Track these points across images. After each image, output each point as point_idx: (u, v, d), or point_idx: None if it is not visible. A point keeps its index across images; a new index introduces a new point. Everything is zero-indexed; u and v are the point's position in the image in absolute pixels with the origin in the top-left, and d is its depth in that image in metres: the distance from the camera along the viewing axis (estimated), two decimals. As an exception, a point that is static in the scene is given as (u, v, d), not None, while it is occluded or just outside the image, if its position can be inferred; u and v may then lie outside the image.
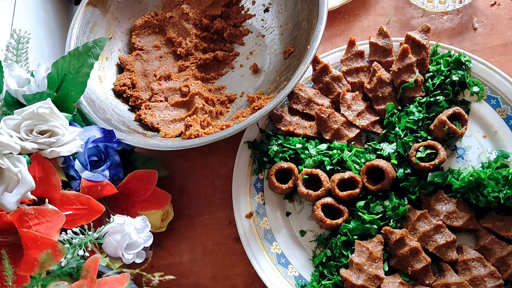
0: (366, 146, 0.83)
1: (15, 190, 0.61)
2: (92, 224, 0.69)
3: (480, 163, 0.79)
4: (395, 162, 0.77)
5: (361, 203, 0.77)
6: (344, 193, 0.76)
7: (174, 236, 0.88)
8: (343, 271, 0.73)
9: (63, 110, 0.76)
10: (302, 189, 0.78)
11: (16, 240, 0.65)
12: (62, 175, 0.73)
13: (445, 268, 0.71)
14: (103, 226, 0.71)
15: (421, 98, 0.82)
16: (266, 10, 1.01)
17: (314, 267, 0.78)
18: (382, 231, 0.74)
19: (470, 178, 0.73)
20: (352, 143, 0.82)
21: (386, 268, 0.73)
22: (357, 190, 0.76)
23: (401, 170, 0.77)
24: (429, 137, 0.79)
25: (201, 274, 0.84)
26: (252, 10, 1.02)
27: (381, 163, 0.76)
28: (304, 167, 0.81)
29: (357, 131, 0.83)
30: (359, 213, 0.76)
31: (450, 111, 0.78)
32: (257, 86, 0.93)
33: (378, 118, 0.84)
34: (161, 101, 0.94)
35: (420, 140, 0.79)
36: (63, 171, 0.74)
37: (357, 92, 0.85)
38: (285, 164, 0.81)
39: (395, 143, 0.79)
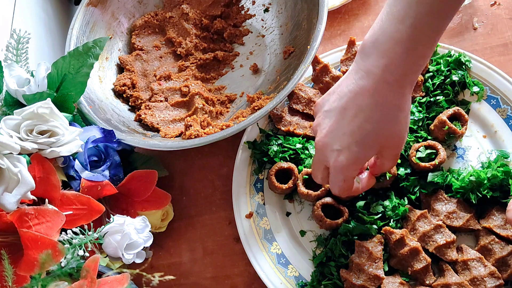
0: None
1: (15, 190, 0.61)
2: (92, 224, 0.69)
3: (480, 163, 0.79)
4: (399, 161, 0.77)
5: (361, 203, 0.77)
6: (344, 193, 0.76)
7: (174, 236, 0.88)
8: (343, 271, 0.73)
9: (63, 110, 0.76)
10: (302, 189, 0.78)
11: (16, 240, 0.65)
12: (62, 175, 0.73)
13: (445, 268, 0.71)
14: (103, 226, 0.71)
15: (421, 98, 0.82)
16: (266, 10, 1.01)
17: (314, 267, 0.78)
18: (382, 231, 0.74)
19: (470, 178, 0.73)
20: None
21: (386, 268, 0.73)
22: (357, 190, 0.76)
23: (402, 169, 0.77)
24: (429, 137, 0.79)
25: (201, 274, 0.84)
26: (252, 10, 1.02)
27: None
28: (304, 167, 0.81)
29: (357, 131, 0.83)
30: (359, 213, 0.76)
31: (450, 111, 0.78)
32: (257, 86, 0.93)
33: (378, 118, 0.84)
34: (161, 101, 0.94)
35: (420, 140, 0.79)
36: (63, 171, 0.74)
37: (357, 92, 0.85)
38: (285, 164, 0.81)
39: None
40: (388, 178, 0.75)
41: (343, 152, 0.60)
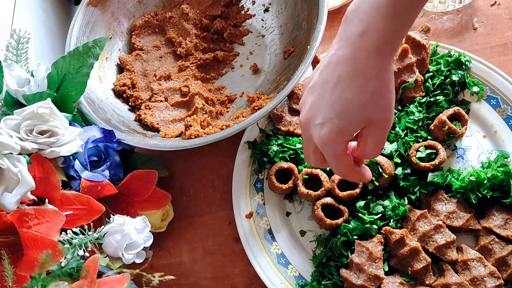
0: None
1: (15, 190, 0.61)
2: (92, 224, 0.69)
3: (480, 163, 0.79)
4: (398, 160, 0.77)
5: (361, 203, 0.77)
6: (344, 193, 0.76)
7: (174, 236, 0.88)
8: (343, 271, 0.73)
9: (63, 110, 0.76)
10: (302, 189, 0.78)
11: (16, 240, 0.65)
12: (62, 175, 0.73)
13: (445, 268, 0.71)
14: (103, 226, 0.71)
15: (421, 98, 0.82)
16: (266, 10, 1.01)
17: (314, 267, 0.78)
18: (382, 231, 0.74)
19: (470, 178, 0.73)
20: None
21: (386, 268, 0.73)
22: (357, 190, 0.76)
23: (400, 169, 0.77)
24: (429, 137, 0.79)
25: (201, 274, 0.84)
26: (252, 10, 1.02)
27: (380, 158, 0.76)
28: (304, 167, 0.81)
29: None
30: (359, 213, 0.76)
31: (450, 111, 0.78)
32: (257, 86, 0.93)
33: (378, 118, 0.83)
34: (161, 101, 0.94)
35: (420, 140, 0.79)
36: (63, 171, 0.74)
37: (357, 92, 0.85)
38: (285, 164, 0.81)
39: (395, 143, 0.79)
40: (386, 177, 0.75)
41: (325, 126, 0.56)
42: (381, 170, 0.75)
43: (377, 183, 0.76)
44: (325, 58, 0.59)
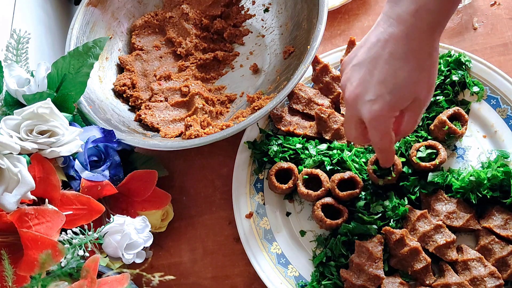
0: (366, 146, 0.83)
1: (15, 190, 0.61)
2: (92, 224, 0.69)
3: (480, 163, 0.79)
4: (403, 159, 0.77)
5: (361, 203, 0.77)
6: (344, 193, 0.76)
7: (174, 236, 0.88)
8: (343, 271, 0.73)
9: (63, 110, 0.76)
10: (302, 189, 0.78)
11: (16, 240, 0.65)
12: (62, 175, 0.73)
13: (445, 268, 0.71)
14: (103, 226, 0.71)
15: (421, 98, 0.82)
16: (266, 10, 1.01)
17: (314, 267, 0.78)
18: (382, 231, 0.74)
19: (470, 178, 0.73)
20: (352, 143, 0.82)
21: (386, 268, 0.73)
22: (357, 190, 0.76)
23: (405, 167, 0.77)
24: (429, 137, 0.79)
25: (201, 274, 0.84)
26: (252, 10, 1.02)
27: None
28: (304, 167, 0.81)
29: (357, 131, 0.83)
30: (359, 213, 0.76)
31: (450, 111, 0.78)
32: (257, 86, 0.93)
33: (378, 118, 0.83)
34: (161, 101, 0.94)
35: (421, 140, 0.79)
36: (63, 171, 0.74)
37: (357, 92, 0.85)
38: (285, 164, 0.81)
39: (396, 143, 0.79)
40: (394, 175, 0.75)
41: (377, 101, 0.58)
42: (391, 169, 0.75)
43: (389, 178, 0.75)
44: (371, 35, 0.59)
